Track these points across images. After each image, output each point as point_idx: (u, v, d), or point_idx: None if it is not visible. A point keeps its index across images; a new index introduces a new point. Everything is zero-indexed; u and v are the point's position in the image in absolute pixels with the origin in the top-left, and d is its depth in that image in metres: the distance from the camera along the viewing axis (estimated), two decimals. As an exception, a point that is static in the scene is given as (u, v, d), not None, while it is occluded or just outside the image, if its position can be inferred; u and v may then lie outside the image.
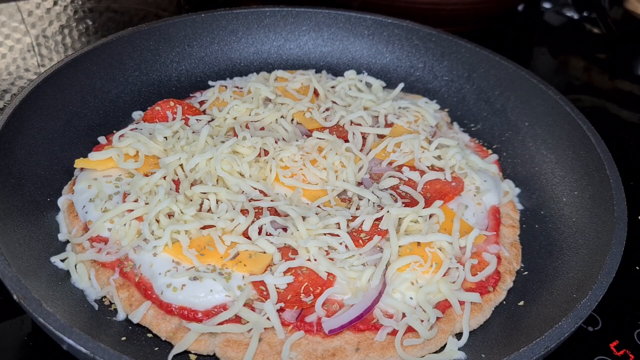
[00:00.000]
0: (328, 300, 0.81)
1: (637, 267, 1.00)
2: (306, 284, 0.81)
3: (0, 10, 1.50)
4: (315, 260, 0.83)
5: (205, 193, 0.90)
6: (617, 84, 1.48)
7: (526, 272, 0.92)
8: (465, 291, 0.84)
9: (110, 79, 1.14)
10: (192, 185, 0.93)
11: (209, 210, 0.89)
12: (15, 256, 0.78)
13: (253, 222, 0.87)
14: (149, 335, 0.79)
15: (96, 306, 0.82)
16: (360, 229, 0.88)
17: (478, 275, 0.86)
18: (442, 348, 0.80)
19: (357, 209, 0.92)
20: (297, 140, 1.01)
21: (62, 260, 0.85)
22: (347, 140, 1.03)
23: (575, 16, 1.61)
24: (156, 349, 0.78)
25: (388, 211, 0.89)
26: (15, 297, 0.71)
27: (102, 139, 1.04)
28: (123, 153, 0.96)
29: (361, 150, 1.04)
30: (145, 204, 0.88)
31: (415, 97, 1.19)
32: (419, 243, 0.86)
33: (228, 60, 1.28)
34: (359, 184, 0.98)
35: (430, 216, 0.91)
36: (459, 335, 0.81)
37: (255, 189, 0.93)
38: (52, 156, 0.98)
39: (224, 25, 1.26)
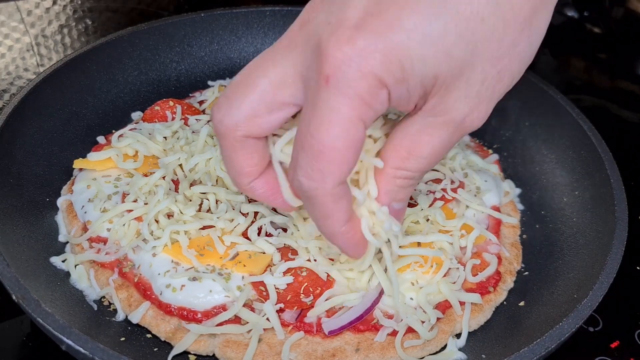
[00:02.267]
0: (328, 300, 0.80)
1: (638, 268, 1.00)
2: (306, 284, 0.80)
3: (-1, 10, 1.50)
4: (315, 260, 0.82)
5: (204, 193, 0.90)
6: (618, 84, 1.47)
7: (527, 273, 0.92)
8: (465, 291, 0.84)
9: (109, 78, 1.13)
10: (191, 185, 0.92)
11: (209, 210, 0.89)
12: (14, 256, 0.78)
13: (252, 222, 0.87)
14: (148, 335, 0.79)
15: (95, 306, 0.82)
16: (360, 229, 0.88)
17: (478, 275, 0.86)
18: (443, 349, 0.80)
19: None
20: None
21: (62, 261, 0.85)
22: (347, 140, 1.03)
23: (576, 15, 1.61)
24: (155, 349, 0.78)
25: (388, 211, 0.88)
26: (14, 297, 0.71)
27: (101, 139, 1.04)
28: (122, 153, 0.95)
29: (361, 150, 1.03)
30: (145, 204, 0.87)
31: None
32: (419, 243, 0.85)
33: (228, 60, 1.27)
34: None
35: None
36: (459, 336, 0.81)
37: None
38: (51, 156, 0.98)
39: (224, 25, 1.26)
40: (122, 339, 0.77)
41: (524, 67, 0.62)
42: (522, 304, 0.86)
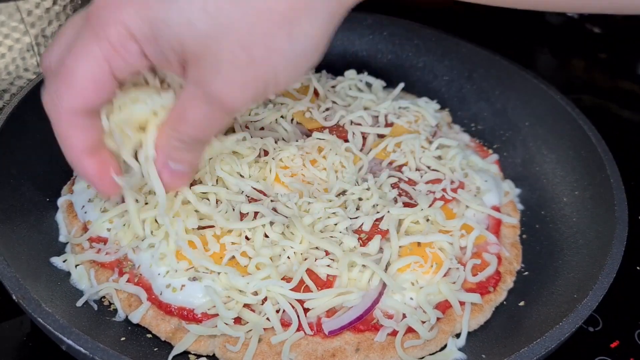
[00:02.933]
0: (328, 300, 0.80)
1: (638, 268, 1.00)
2: (306, 284, 0.80)
3: (-1, 10, 1.50)
4: (315, 260, 0.82)
5: (205, 193, 0.89)
6: (618, 84, 1.47)
7: (527, 273, 0.92)
8: (465, 291, 0.84)
9: (109, 78, 1.13)
10: (191, 185, 0.92)
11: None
12: (14, 256, 0.78)
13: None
14: (149, 335, 0.79)
15: (95, 306, 0.82)
16: (360, 229, 0.88)
17: (478, 275, 0.86)
18: (443, 348, 0.80)
19: (357, 209, 0.92)
20: (297, 141, 1.01)
21: (63, 261, 0.85)
22: (347, 140, 1.03)
23: (576, 15, 1.60)
24: (155, 349, 0.78)
25: (389, 211, 0.88)
26: (14, 297, 0.71)
27: (101, 139, 1.04)
28: (122, 153, 0.95)
29: (361, 150, 1.03)
30: (145, 203, 0.87)
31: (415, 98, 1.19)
32: (419, 243, 0.85)
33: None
34: (359, 184, 0.97)
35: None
36: (459, 336, 0.81)
37: (255, 189, 0.92)
38: (51, 156, 0.97)
39: (224, 24, 1.26)
40: (123, 339, 0.77)
41: (291, 69, 0.65)
42: (522, 304, 0.86)
